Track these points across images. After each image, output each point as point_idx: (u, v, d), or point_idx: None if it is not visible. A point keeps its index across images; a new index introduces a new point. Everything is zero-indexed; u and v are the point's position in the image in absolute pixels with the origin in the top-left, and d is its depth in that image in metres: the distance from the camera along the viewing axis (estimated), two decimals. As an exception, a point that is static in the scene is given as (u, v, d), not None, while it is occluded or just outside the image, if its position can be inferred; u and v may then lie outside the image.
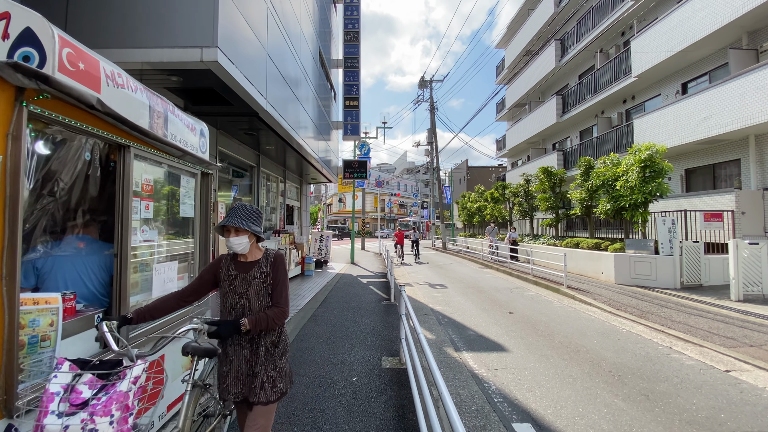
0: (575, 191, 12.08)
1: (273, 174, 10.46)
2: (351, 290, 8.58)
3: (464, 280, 10.88)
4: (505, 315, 6.63)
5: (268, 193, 10.28)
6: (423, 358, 4.06)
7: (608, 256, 9.89)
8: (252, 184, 9.03)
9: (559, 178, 14.04)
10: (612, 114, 15.76)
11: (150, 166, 2.43)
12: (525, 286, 9.73)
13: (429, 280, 10.88)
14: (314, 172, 12.48)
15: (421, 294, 8.66)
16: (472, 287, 9.56)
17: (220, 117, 6.11)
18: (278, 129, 6.71)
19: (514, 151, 24.56)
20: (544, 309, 7.11)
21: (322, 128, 11.68)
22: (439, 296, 8.38)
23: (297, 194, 13.67)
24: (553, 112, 18.40)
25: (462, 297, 8.29)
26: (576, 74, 18.42)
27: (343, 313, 6.36)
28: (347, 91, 13.83)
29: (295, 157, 9.81)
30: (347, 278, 10.58)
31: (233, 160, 7.97)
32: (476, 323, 6.08)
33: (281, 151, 9.19)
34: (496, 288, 9.46)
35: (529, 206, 16.30)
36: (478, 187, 24.59)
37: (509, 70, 24.88)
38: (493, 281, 10.61)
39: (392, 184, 60.83)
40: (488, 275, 11.96)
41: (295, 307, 6.65)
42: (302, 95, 8.11)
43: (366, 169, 13.69)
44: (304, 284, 9.29)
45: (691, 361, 4.47)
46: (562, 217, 13.76)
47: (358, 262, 15.36)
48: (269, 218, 10.55)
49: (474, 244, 21.24)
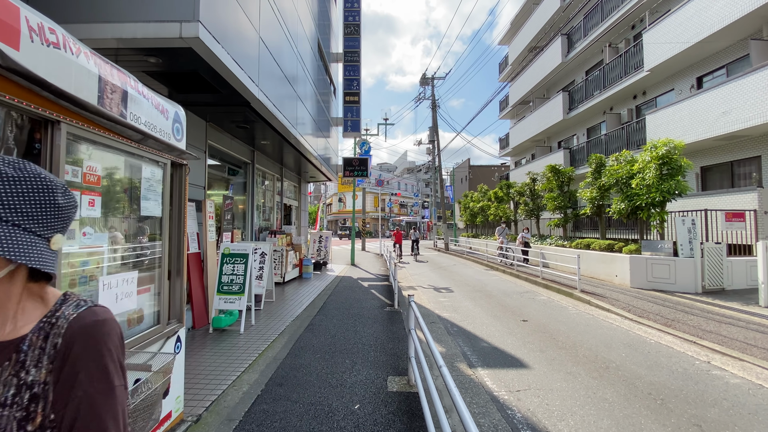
0: (585, 190, 11.56)
1: (269, 172, 9.95)
2: (351, 295, 8.07)
3: (470, 282, 10.36)
4: (519, 323, 6.11)
5: (264, 192, 9.76)
6: (435, 377, 3.54)
7: (623, 258, 9.37)
8: (247, 182, 8.52)
9: (567, 176, 13.52)
10: (621, 110, 15.24)
11: (98, 152, 1.92)
12: (535, 290, 9.21)
13: (433, 283, 10.36)
14: (313, 170, 11.97)
15: (427, 299, 8.15)
16: (479, 291, 9.04)
17: (209, 108, 5.59)
18: (273, 122, 6.20)
19: (518, 149, 24.04)
20: (560, 316, 6.59)
21: (322, 124, 11.16)
22: (446, 301, 7.87)
23: (295, 193, 13.16)
24: (559, 109, 17.88)
25: (470, 302, 7.77)
26: (583, 70, 17.90)
27: (343, 321, 5.84)
28: (347, 86, 13.31)
29: (293, 154, 9.30)
30: (347, 281, 10.06)
31: (226, 156, 7.45)
32: (489, 333, 5.56)
33: (278, 148, 8.67)
34: (504, 292, 8.94)
35: (535, 206, 15.78)
36: (481, 187, 24.07)
37: (513, 67, 24.37)
38: (501, 284, 10.09)
39: (392, 183, 60.39)
40: (495, 278, 11.44)
41: (292, 315, 6.13)
42: (300, 87, 7.60)
43: (367, 167, 13.17)
44: (302, 288, 8.77)
45: (736, 380, 3.96)
46: (570, 217, 13.24)
47: (358, 263, 14.85)
48: (266, 218, 10.04)
49: (477, 244, 20.72)
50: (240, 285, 5.10)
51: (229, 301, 5.05)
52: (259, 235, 9.26)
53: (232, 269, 5.16)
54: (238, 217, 8.35)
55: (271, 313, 6.20)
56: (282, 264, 8.89)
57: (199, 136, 6.00)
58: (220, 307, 5.06)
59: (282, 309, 6.51)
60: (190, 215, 5.29)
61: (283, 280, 8.92)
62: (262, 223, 9.53)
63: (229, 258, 5.19)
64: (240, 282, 5.11)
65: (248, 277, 5.14)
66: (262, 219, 9.69)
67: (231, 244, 5.31)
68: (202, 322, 5.22)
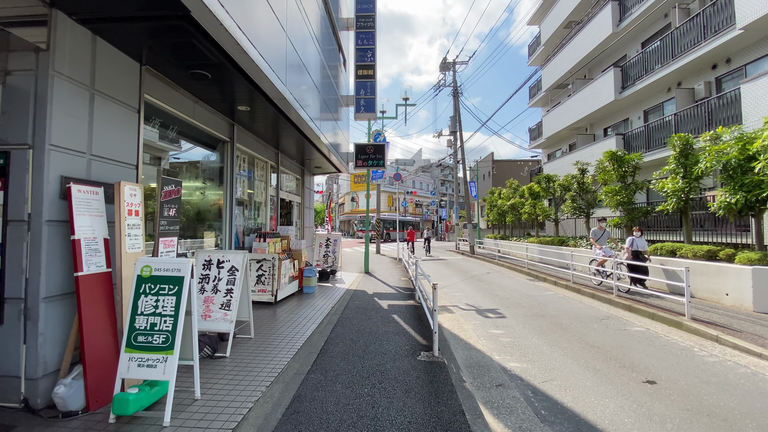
0: (663, 181, 8.95)
1: (260, 157, 7.70)
2: (366, 325, 5.73)
3: (521, 301, 7.89)
4: (644, 388, 3.66)
5: (251, 183, 7.52)
6: None
7: (738, 270, 6.78)
8: (224, 167, 6.29)
9: (632, 165, 10.88)
10: (695, 84, 12.47)
11: None
12: (618, 315, 6.69)
13: (472, 300, 7.94)
14: (319, 158, 9.71)
15: (472, 328, 5.75)
16: (542, 316, 6.58)
17: (124, 26, 3.33)
18: (252, 71, 3.92)
19: (553, 140, 21.31)
20: (695, 368, 4.12)
21: (330, 103, 8.90)
22: (502, 336, 5.45)
23: (297, 187, 10.93)
24: (609, 89, 15.16)
25: (539, 337, 5.33)
26: (638, 41, 15.14)
27: (352, 389, 3.50)
28: (360, 58, 10.99)
29: (293, 135, 7.04)
30: (360, 298, 7.74)
31: (187, 128, 5.22)
32: (608, 414, 3.13)
33: (270, 123, 6.42)
34: (577, 317, 6.46)
35: (585, 202, 13.14)
36: (511, 182, 21.45)
37: (546, 47, 21.66)
38: (564, 304, 7.59)
39: (407, 182, 58.08)
40: (548, 292, 8.93)
41: (273, 370, 3.83)
42: (299, 41, 5.31)
43: (384, 156, 10.83)
44: (300, 310, 6.48)
45: None
46: (638, 215, 10.59)
47: (373, 270, 12.52)
48: (255, 217, 7.80)
49: (509, 247, 18.14)
50: (167, 333, 2.83)
51: (148, 363, 2.79)
52: (244, 240, 7.02)
53: (154, 305, 2.89)
54: (211, 216, 6.13)
55: (240, 366, 3.91)
56: (273, 278, 6.63)
57: (127, 84, 3.76)
58: (131, 374, 2.79)
59: (259, 357, 4.22)
60: (85, 207, 3.04)
61: (274, 299, 6.66)
62: (247, 223, 7.28)
63: (149, 285, 2.92)
64: (168, 327, 2.84)
65: (180, 317, 2.85)
66: (249, 218, 7.44)
67: (153, 259, 3.03)
68: (104, 398, 2.97)
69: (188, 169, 5.70)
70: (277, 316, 6.05)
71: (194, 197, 5.80)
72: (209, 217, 6.09)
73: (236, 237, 6.63)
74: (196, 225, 5.76)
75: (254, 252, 6.72)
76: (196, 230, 5.76)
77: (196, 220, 5.79)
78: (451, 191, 58.80)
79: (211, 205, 6.18)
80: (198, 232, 5.78)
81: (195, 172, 5.88)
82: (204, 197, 6.03)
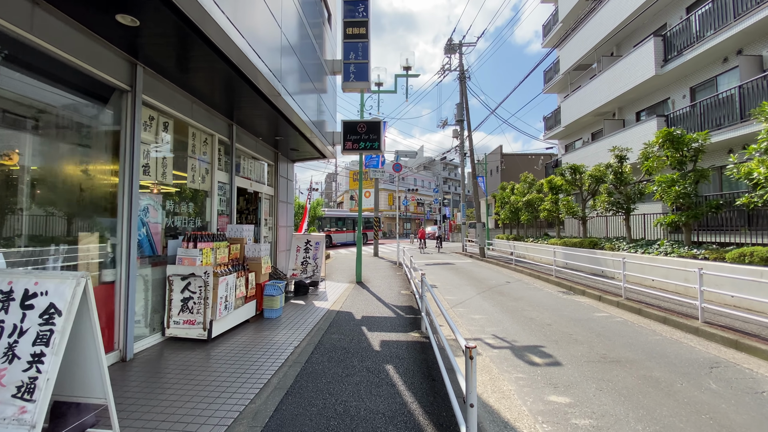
0: (749, 164, 6.64)
1: (195, 124, 5.41)
2: (341, 396, 3.45)
3: (569, 330, 5.59)
4: None
5: (178, 160, 5.23)
6: None
7: None
8: (122, 130, 4.00)
9: (695, 148, 8.57)
10: (765, 51, 10.14)
11: None
12: (725, 358, 4.38)
13: (499, 327, 5.65)
14: (297, 138, 7.45)
15: (515, 391, 3.46)
16: (614, 362, 4.27)
17: None
18: None
19: (572, 128, 18.97)
20: None
21: (311, 69, 6.67)
22: (570, 408, 3.14)
23: (269, 175, 8.64)
24: (648, 63, 12.82)
25: (634, 411, 3.03)
26: (682, 6, 12.81)
27: None
28: (350, 13, 8.72)
29: (256, 102, 4.77)
30: (342, 329, 5.45)
31: (34, 55, 2.95)
32: None
33: (212, 77, 4.15)
34: (668, 362, 4.15)
35: (624, 196, 10.81)
36: (525, 176, 19.14)
37: (564, 24, 19.31)
38: (632, 335, 5.29)
39: (408, 180, 55.78)
40: (600, 314, 6.63)
41: None
42: None
43: (379, 135, 8.54)
44: (241, 358, 4.19)
45: None
46: (704, 211, 8.27)
47: (367, 280, 10.23)
48: (186, 210, 5.52)
49: (528, 249, 15.83)
50: None
51: None
52: (166, 245, 4.73)
53: None
54: (94, 207, 3.84)
55: None
56: (204, 305, 4.35)
57: None
58: None
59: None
60: None
61: (207, 335, 4.38)
62: (173, 220, 4.97)
63: None
64: None
65: None
66: (178, 213, 5.13)
67: None
68: None
69: (47, 128, 3.43)
70: (195, 369, 3.76)
71: (62, 176, 3.53)
72: (93, 209, 3.81)
73: (148, 241, 4.35)
74: (62, 222, 3.49)
75: (178, 264, 4.45)
76: (66, 230, 3.49)
77: (65, 214, 3.53)
78: (455, 189, 56.48)
79: (105, 188, 3.91)
80: (69, 233, 3.51)
81: (64, 134, 3.61)
82: (88, 177, 3.76)
